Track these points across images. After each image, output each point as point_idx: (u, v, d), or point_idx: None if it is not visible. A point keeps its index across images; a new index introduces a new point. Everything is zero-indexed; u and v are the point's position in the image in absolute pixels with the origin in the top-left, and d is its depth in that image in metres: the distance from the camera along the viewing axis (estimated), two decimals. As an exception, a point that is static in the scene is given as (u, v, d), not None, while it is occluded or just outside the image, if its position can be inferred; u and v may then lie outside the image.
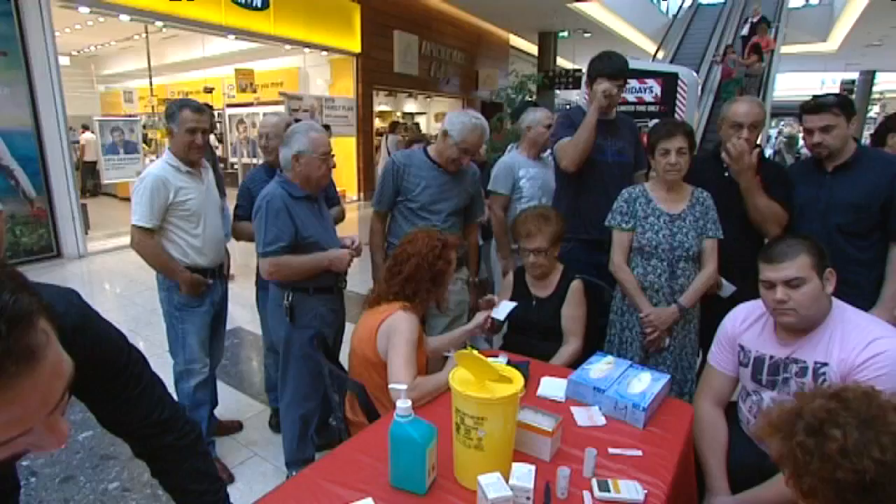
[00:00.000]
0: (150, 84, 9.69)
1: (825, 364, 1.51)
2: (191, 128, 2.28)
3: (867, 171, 2.13)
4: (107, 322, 0.98)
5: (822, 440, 0.78)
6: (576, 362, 2.08)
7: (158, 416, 1.05)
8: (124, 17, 6.96)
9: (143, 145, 7.31)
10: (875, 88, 20.37)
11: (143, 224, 2.24)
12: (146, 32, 8.76)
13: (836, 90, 19.13)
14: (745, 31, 10.51)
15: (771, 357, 1.64)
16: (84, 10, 6.60)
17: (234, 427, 2.85)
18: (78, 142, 10.16)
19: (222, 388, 2.98)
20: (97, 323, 0.95)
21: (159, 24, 7.45)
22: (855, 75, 20.06)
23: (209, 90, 10.04)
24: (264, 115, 3.70)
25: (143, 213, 2.24)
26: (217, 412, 2.75)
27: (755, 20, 10.18)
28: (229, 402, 3.09)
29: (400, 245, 1.95)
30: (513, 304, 2.14)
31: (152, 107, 9.94)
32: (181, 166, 2.32)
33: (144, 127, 8.59)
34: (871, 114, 21.25)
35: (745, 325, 1.73)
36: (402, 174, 2.51)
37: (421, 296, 1.87)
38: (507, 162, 3.19)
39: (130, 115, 7.78)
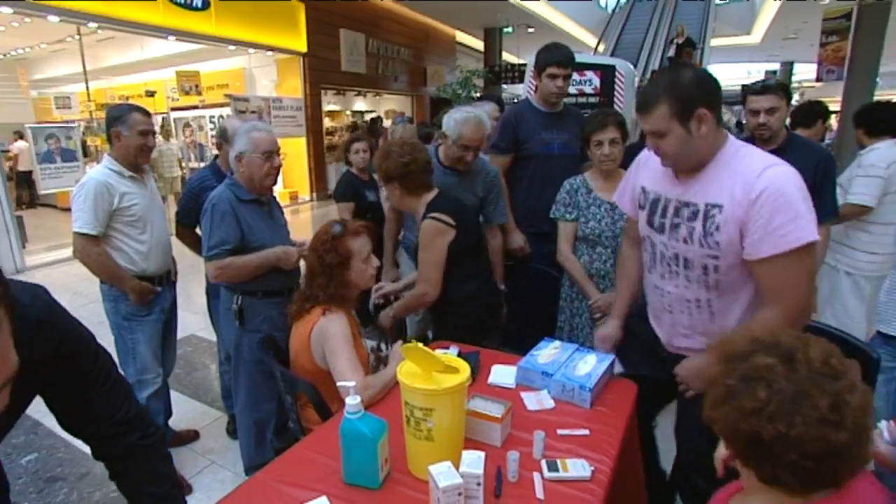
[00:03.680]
0: (87, 89, 9.25)
1: (717, 206, 1.42)
2: (143, 130, 2.26)
3: (797, 158, 2.23)
4: (74, 319, 1.00)
5: (747, 394, 0.80)
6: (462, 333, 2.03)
7: (125, 413, 1.07)
8: (53, 18, 6.62)
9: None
10: (794, 78, 21.49)
11: (87, 231, 2.17)
12: (79, 34, 8.35)
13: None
14: (671, 52, 10.59)
15: (666, 198, 1.58)
16: (6, 9, 6.23)
17: (190, 436, 2.79)
18: (9, 151, 9.64)
19: (176, 398, 2.92)
20: (64, 319, 0.97)
21: (93, 25, 7.14)
22: (777, 66, 21.15)
23: (151, 94, 9.70)
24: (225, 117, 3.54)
25: (87, 219, 2.17)
26: (172, 422, 2.70)
27: (680, 41, 10.30)
28: (184, 411, 3.02)
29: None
30: None
31: (90, 112, 9.50)
32: (124, 171, 2.27)
33: (84, 133, 8.21)
34: (793, 102, 22.44)
35: (647, 161, 1.67)
36: None
37: (327, 293, 1.77)
38: None
39: (67, 122, 7.41)
